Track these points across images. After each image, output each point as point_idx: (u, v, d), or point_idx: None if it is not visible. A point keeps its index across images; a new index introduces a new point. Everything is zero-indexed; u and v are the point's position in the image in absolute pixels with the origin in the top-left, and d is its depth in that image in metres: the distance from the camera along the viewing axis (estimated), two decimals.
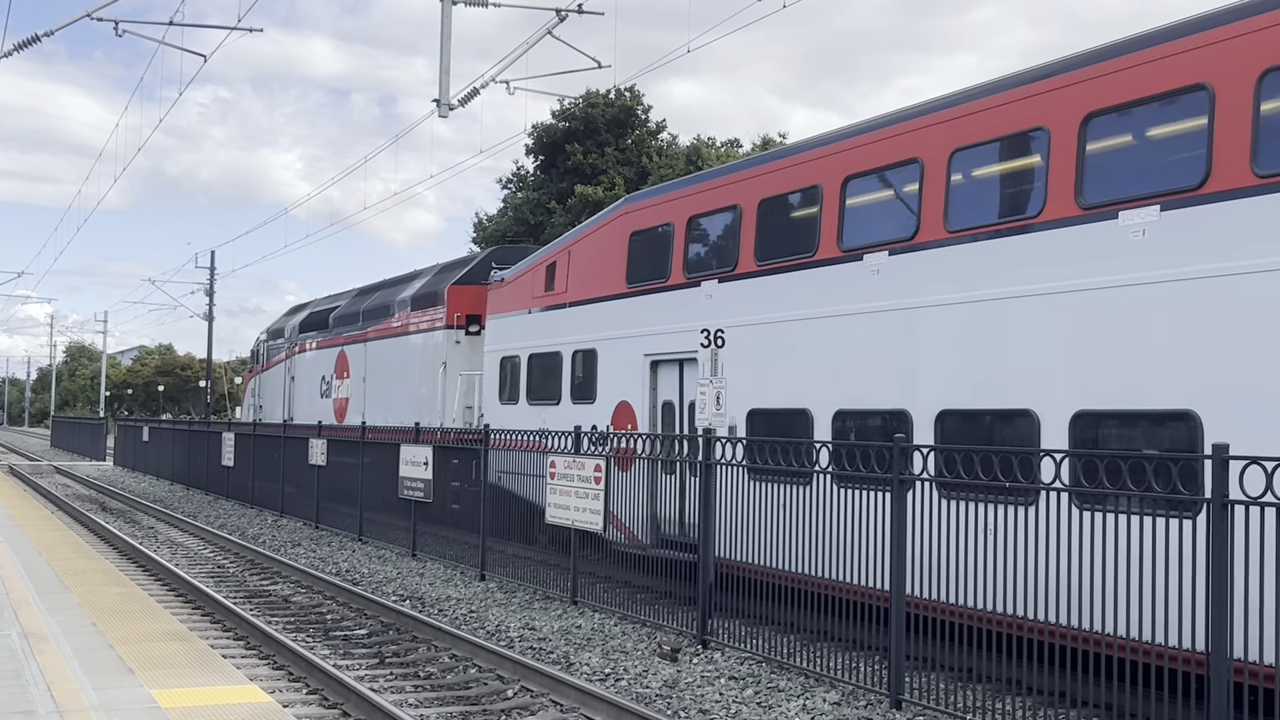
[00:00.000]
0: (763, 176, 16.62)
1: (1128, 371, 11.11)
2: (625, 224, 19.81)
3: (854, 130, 15.30)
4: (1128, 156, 11.55)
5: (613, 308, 19.72)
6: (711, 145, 56.54)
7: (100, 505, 34.45)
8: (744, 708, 11.20)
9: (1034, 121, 12.31)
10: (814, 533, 12.37)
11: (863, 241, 14.45)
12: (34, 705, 8.88)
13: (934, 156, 13.45)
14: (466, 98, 23.00)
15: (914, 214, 13.71)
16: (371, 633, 15.11)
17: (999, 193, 13.18)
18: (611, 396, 19.58)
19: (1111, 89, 11.57)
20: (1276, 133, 10.10)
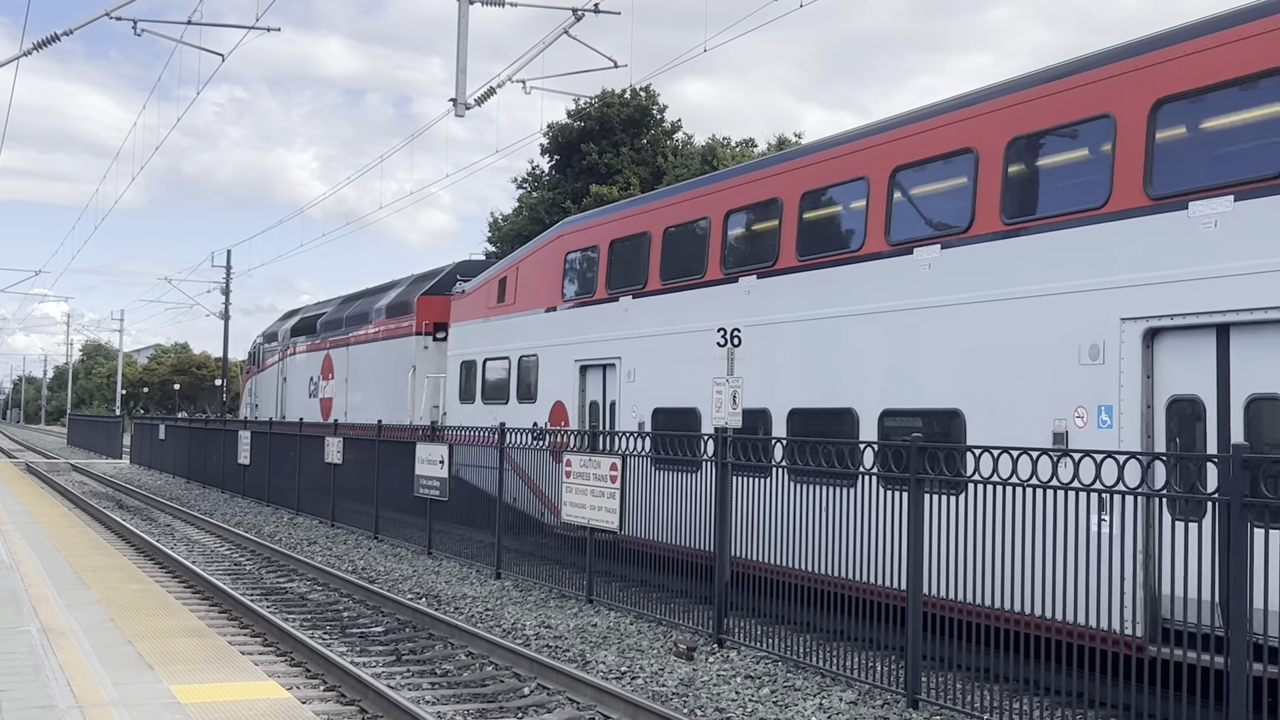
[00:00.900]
0: (667, 208, 19.32)
1: (916, 377, 13.75)
2: (562, 245, 22.43)
3: (734, 172, 18.86)
4: (920, 203, 14.36)
5: (551, 318, 22.24)
6: (727, 145, 56.52)
7: (117, 503, 34.58)
8: (760, 706, 11.20)
9: (856, 173, 15.16)
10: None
11: (739, 266, 17.22)
12: (54, 700, 8.94)
13: (789, 197, 16.23)
14: (483, 97, 23.03)
15: (775, 245, 16.41)
16: (388, 630, 15.15)
17: (834, 229, 15.82)
18: (550, 397, 22.00)
19: (912, 150, 14.37)
20: (1012, 191, 12.82)
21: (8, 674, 9.72)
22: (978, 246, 13.12)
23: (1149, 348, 11.29)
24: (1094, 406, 11.68)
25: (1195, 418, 10.91)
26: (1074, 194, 12.27)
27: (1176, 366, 11.11)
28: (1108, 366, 11.54)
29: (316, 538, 25.39)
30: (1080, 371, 11.81)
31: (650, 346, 18.90)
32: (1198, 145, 11.35)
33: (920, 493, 11.13)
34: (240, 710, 8.88)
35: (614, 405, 19.92)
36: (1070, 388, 11.91)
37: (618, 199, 51.54)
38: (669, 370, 18.43)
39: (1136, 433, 11.23)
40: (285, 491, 31.50)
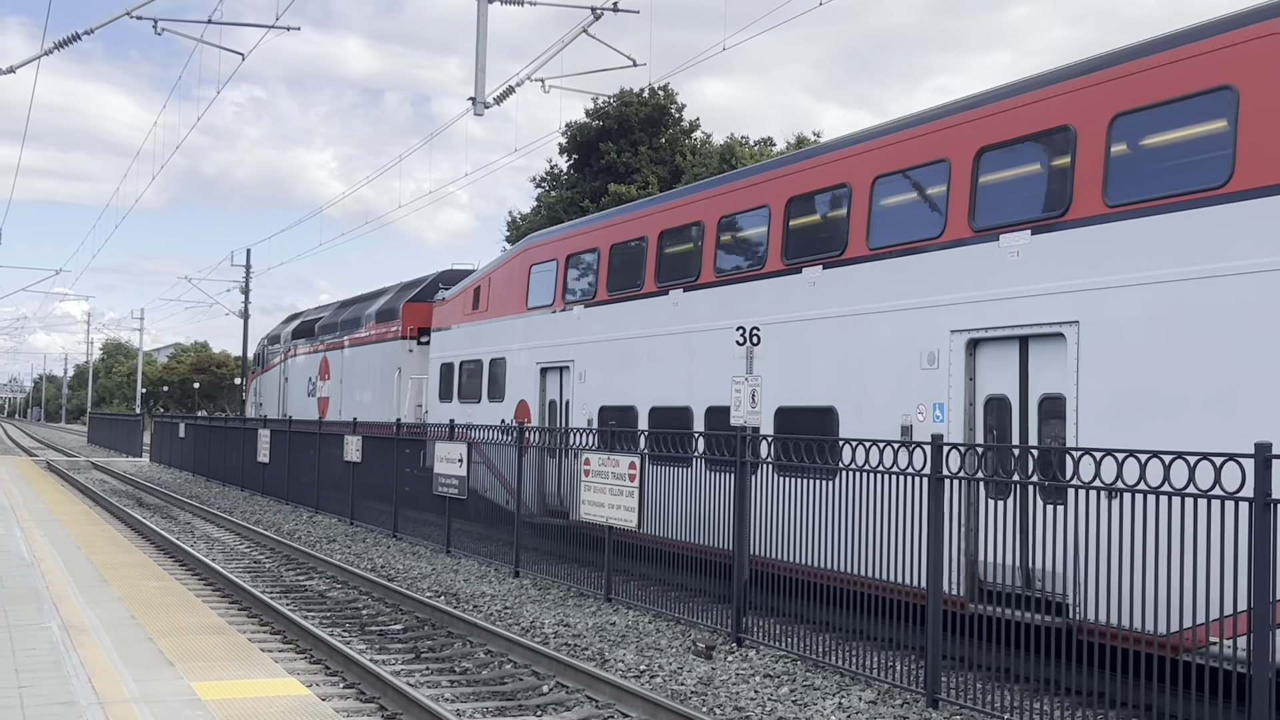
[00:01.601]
0: (614, 226, 21.41)
1: (803, 378, 15.94)
2: (526, 258, 24.55)
3: (666, 196, 21.23)
4: (808, 229, 16.41)
5: (516, 324, 24.35)
6: (745, 144, 56.46)
7: (137, 500, 34.73)
8: (779, 705, 11.18)
9: (760, 201, 17.15)
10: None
11: (669, 281, 19.23)
12: (75, 696, 8.98)
13: (709, 220, 18.38)
14: (502, 96, 23.05)
15: (698, 262, 18.51)
16: (407, 628, 15.17)
17: (743, 250, 17.85)
18: (516, 396, 24.05)
19: (803, 184, 16.55)
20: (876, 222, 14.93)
21: (30, 670, 9.77)
22: (849, 268, 15.34)
23: (971, 356, 13.42)
24: (930, 404, 13.85)
25: (1005, 413, 13.02)
26: (920, 226, 14.39)
27: (991, 371, 13.25)
28: (941, 371, 13.69)
29: (335, 535, 25.45)
30: (921, 375, 13.95)
31: (598, 351, 21.04)
32: (1008, 186, 13.48)
33: (940, 490, 11.27)
34: (261, 707, 8.90)
35: (568, 404, 22.09)
36: (914, 388, 14.03)
37: (636, 198, 51.58)
38: (613, 372, 20.57)
39: (961, 426, 13.26)
40: (304, 489, 31.59)
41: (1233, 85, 10.95)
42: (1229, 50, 11.08)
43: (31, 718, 8.31)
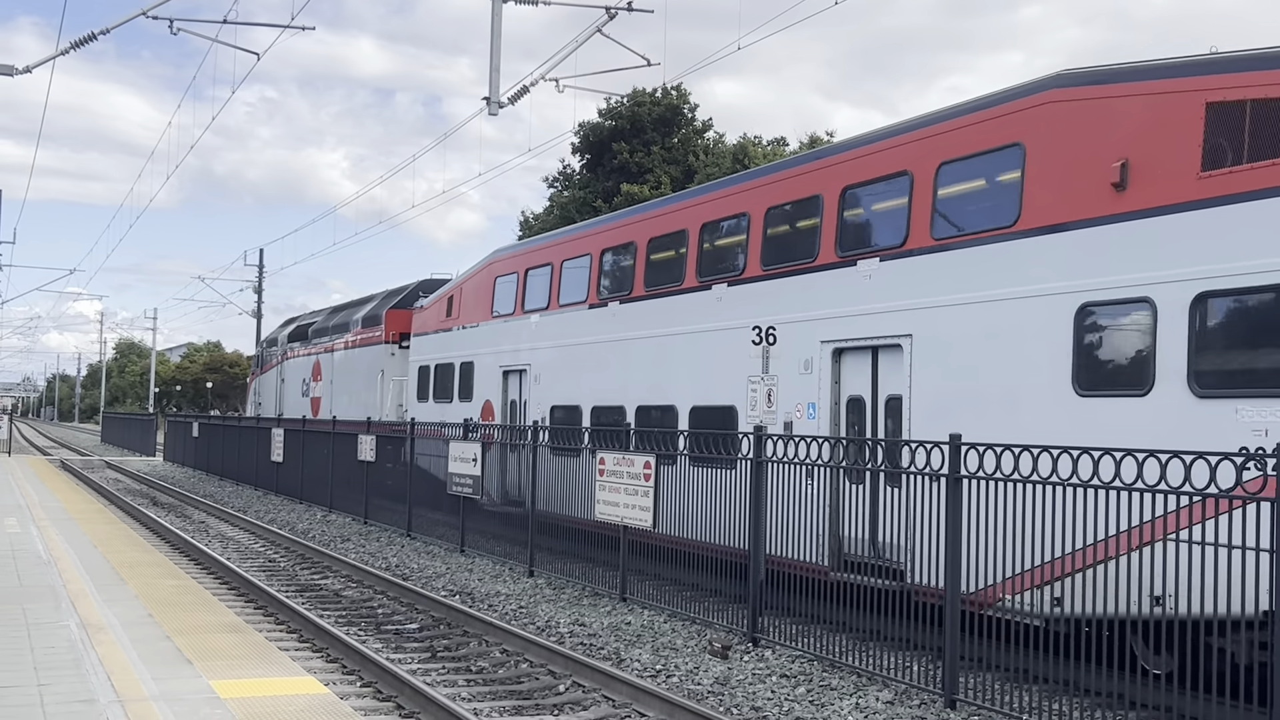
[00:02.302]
0: (565, 244, 23.81)
1: (713, 381, 18.02)
2: (491, 271, 26.69)
3: (608, 219, 23.83)
4: (717, 253, 18.78)
5: (483, 331, 26.48)
6: (758, 144, 56.41)
7: (151, 499, 34.82)
8: (796, 705, 11.17)
9: (681, 226, 19.53)
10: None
11: (609, 294, 21.47)
12: (95, 694, 9.00)
13: (640, 241, 20.67)
14: (516, 96, 23.05)
15: (631, 278, 20.73)
16: (423, 627, 15.19)
17: (668, 269, 19.90)
18: (482, 396, 26.20)
19: (714, 212, 18.83)
20: (769, 246, 17.29)
21: (49, 668, 9.79)
22: (747, 286, 17.58)
23: (837, 363, 15.65)
24: (806, 404, 16.13)
25: (861, 411, 15.33)
26: (801, 251, 16.68)
27: (851, 376, 15.55)
28: (814, 376, 15.95)
29: (350, 535, 25.49)
30: (799, 379, 16.13)
31: (550, 356, 23.28)
32: (864, 220, 15.94)
33: (958, 491, 11.31)
34: (280, 705, 8.91)
35: (526, 403, 24.16)
36: (794, 390, 16.19)
37: (649, 198, 51.55)
38: (562, 375, 22.73)
39: (828, 422, 15.67)
40: (318, 488, 31.64)
41: (1021, 143, 13.21)
42: (1019, 114, 13.32)
43: (52, 715, 8.34)
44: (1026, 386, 12.76)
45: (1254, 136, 10.98)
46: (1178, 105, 11.68)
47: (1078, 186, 12.51)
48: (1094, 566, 10.11)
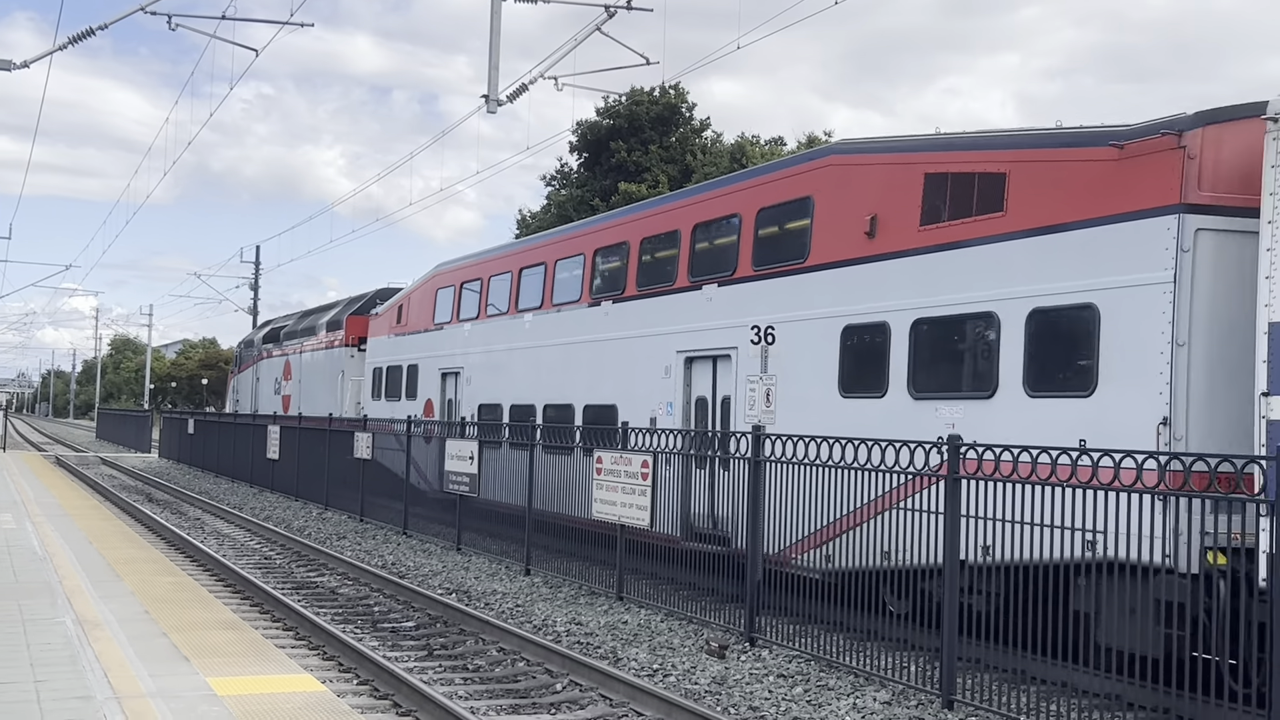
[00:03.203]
0: (493, 261, 26.63)
1: (601, 382, 21.00)
2: (434, 283, 29.44)
3: (523, 241, 27.21)
4: (605, 273, 21.69)
5: (426, 338, 29.30)
6: (756, 143, 56.39)
7: (147, 496, 34.77)
8: (794, 705, 11.16)
9: (578, 250, 22.58)
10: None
11: (525, 306, 24.31)
12: (92, 690, 8.97)
13: (549, 261, 23.59)
14: (514, 94, 23.02)
15: (542, 293, 23.60)
16: (419, 625, 15.17)
17: (569, 286, 22.70)
18: (424, 395, 29.04)
19: (606, 239, 21.91)
20: (642, 271, 20.33)
21: (45, 665, 9.76)
22: (626, 304, 20.58)
23: (688, 369, 18.79)
24: (665, 403, 19.15)
25: (704, 408, 18.41)
26: (665, 276, 19.68)
27: (697, 379, 18.65)
28: (671, 379, 19.01)
29: (346, 532, 25.45)
30: (661, 382, 19.17)
31: (479, 360, 26.17)
32: (707, 253, 18.82)
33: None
34: (277, 703, 8.89)
35: (459, 402, 27.00)
36: (658, 391, 19.25)
37: (646, 196, 51.53)
38: (488, 377, 25.60)
39: (679, 418, 18.67)
40: (314, 486, 31.61)
41: (811, 196, 16.42)
42: (810, 173, 16.64)
43: (49, 712, 8.31)
44: (811, 389, 15.82)
45: (954, 201, 14.09)
46: (906, 174, 14.81)
47: (845, 233, 15.60)
48: (850, 531, 12.74)
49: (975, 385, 13.51)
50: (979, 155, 14.04)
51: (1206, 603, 9.87)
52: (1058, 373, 12.62)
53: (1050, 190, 12.90)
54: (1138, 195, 11.93)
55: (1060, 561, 10.36)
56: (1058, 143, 13.18)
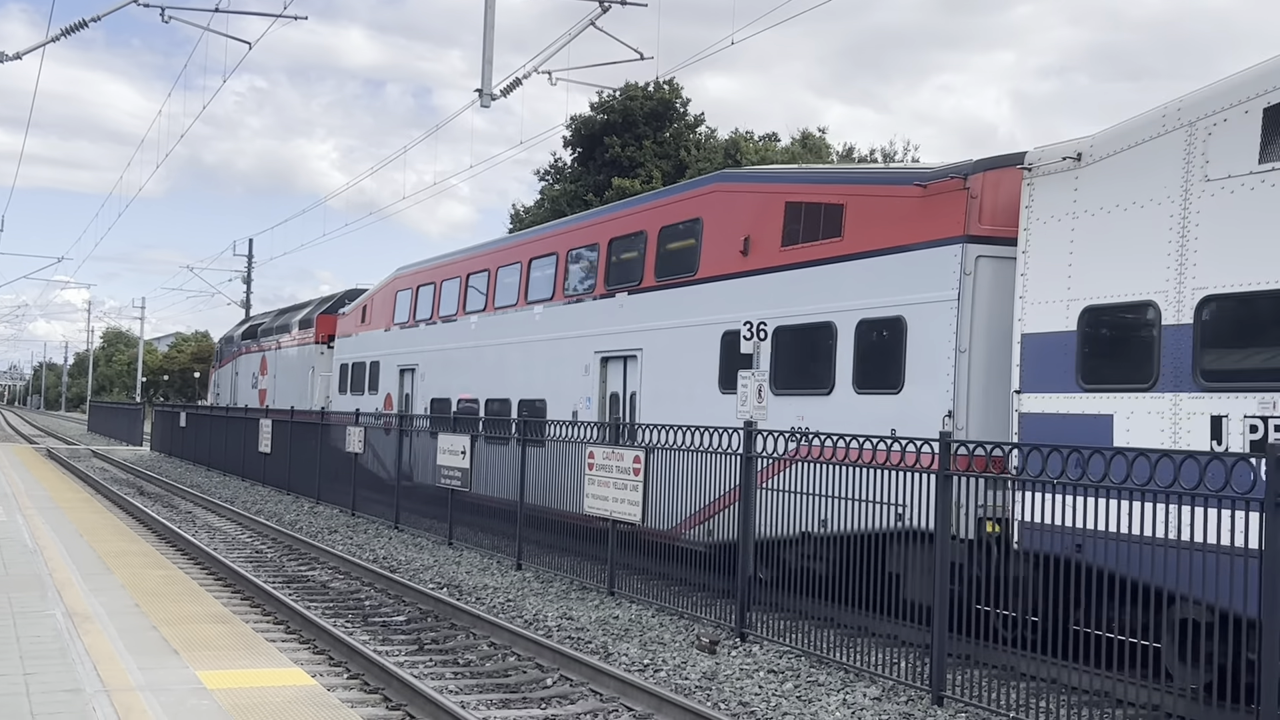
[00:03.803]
0: (444, 267, 28.81)
1: (532, 379, 23.33)
2: (394, 285, 31.83)
3: (474, 249, 28.33)
4: (536, 281, 23.84)
5: (387, 336, 31.58)
6: (750, 139, 56.37)
7: (138, 489, 34.71)
8: (784, 701, 11.16)
9: (517, 259, 24.92)
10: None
11: (472, 309, 26.71)
12: (81, 684, 8.96)
13: (493, 268, 26.03)
14: (508, 88, 22.98)
15: (485, 297, 26.01)
16: (410, 619, 15.16)
17: (509, 291, 24.99)
18: (385, 390, 31.23)
19: (539, 249, 24.25)
20: (569, 279, 22.69)
21: (35, 657, 9.75)
22: (554, 308, 22.96)
23: (604, 367, 20.97)
24: (585, 398, 21.19)
25: (618, 403, 20.54)
26: (585, 285, 22.07)
27: (612, 377, 20.83)
28: (591, 377, 21.18)
29: (337, 526, 25.44)
30: (583, 379, 21.39)
31: (431, 357, 28.49)
32: (620, 265, 20.93)
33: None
34: (266, 696, 8.88)
35: (414, 396, 29.24)
36: (580, 388, 21.45)
37: (640, 192, 51.54)
38: (439, 373, 27.93)
39: (596, 412, 20.83)
40: (306, 480, 31.58)
41: (700, 218, 18.81)
42: (700, 197, 19.10)
43: (38, 705, 8.29)
44: (698, 386, 18.16)
45: (806, 226, 16.46)
46: (772, 202, 17.32)
47: (726, 251, 18.01)
48: (724, 510, 14.62)
49: (818, 384, 15.88)
50: (825, 188, 16.53)
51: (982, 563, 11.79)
52: (876, 373, 14.93)
53: (875, 220, 15.27)
54: (934, 227, 14.27)
55: (878, 531, 12.27)
56: (882, 180, 15.72)
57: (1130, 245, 11.95)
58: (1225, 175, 11.12)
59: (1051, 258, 12.67)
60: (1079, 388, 12.17)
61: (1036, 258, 12.84)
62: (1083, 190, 12.52)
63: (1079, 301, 12.32)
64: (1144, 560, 9.69)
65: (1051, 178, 12.89)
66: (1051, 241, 12.72)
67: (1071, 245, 12.50)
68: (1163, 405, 11.33)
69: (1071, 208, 12.60)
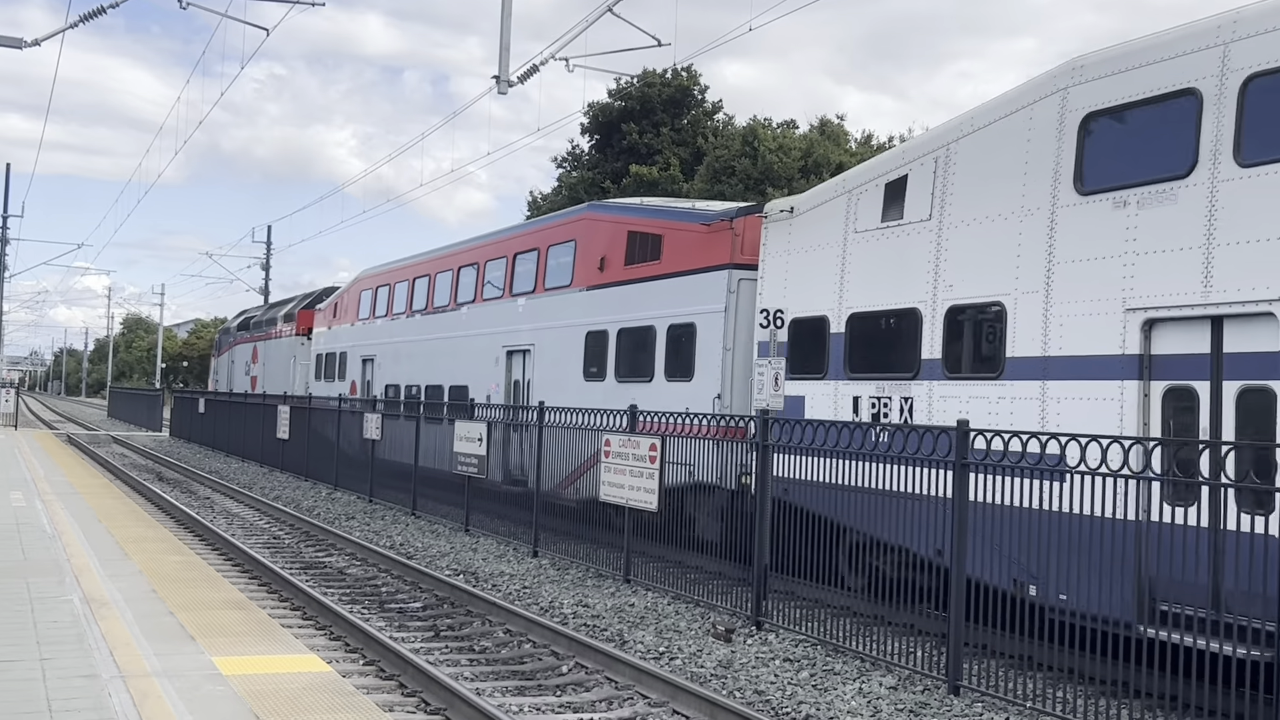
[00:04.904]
0: (397, 271, 33.42)
1: (459, 368, 27.49)
2: (359, 285, 36.43)
3: (420, 256, 32.38)
4: (463, 286, 28.14)
5: (352, 330, 36.27)
6: (768, 126, 56.14)
7: (157, 475, 34.85)
8: (799, 689, 11.14)
9: (449, 267, 29.40)
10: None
11: (416, 308, 31.07)
12: (97, 669, 8.99)
13: (433, 274, 30.22)
14: (526, 75, 22.95)
15: (427, 298, 30.35)
16: (426, 606, 15.18)
17: (444, 293, 29.33)
18: (350, 378, 35.78)
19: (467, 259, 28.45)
20: (486, 283, 27.06)
21: (51, 643, 9.78)
22: (475, 309, 27.39)
23: (509, 359, 25.27)
24: (496, 384, 25.58)
25: (520, 389, 24.74)
26: (497, 290, 26.33)
27: (515, 367, 25.13)
28: (499, 367, 25.55)
29: (354, 513, 25.49)
30: (494, 368, 25.69)
31: (386, 349, 33.01)
32: (521, 275, 25.33)
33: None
34: (282, 683, 8.89)
35: (372, 383, 33.72)
36: (491, 375, 25.80)
37: (658, 179, 51.40)
38: (392, 363, 32.40)
39: (503, 396, 25.09)
40: (323, 466, 31.67)
41: (575, 239, 23.14)
42: (575, 223, 23.64)
43: (54, 690, 8.32)
44: (568, 375, 22.54)
45: (640, 251, 20.87)
46: (619, 230, 21.76)
47: (590, 267, 22.32)
48: (585, 473, 18.26)
49: (643, 373, 20.29)
50: (652, 221, 20.97)
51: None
52: (678, 366, 19.39)
53: (681, 248, 19.79)
54: (714, 256, 18.83)
55: (681, 485, 16.16)
56: (686, 218, 20.44)
57: (816, 275, 16.21)
58: (864, 229, 15.44)
59: (776, 282, 17.05)
60: (789, 376, 16.26)
61: (768, 281, 17.23)
62: (794, 234, 16.88)
63: (789, 314, 16.44)
64: (819, 498, 13.42)
65: (777, 224, 17.20)
66: (776, 270, 17.09)
67: (787, 273, 16.88)
68: (829, 389, 15.76)
69: (788, 246, 16.92)
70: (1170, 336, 11.48)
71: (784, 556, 13.84)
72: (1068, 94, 12.73)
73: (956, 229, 14.04)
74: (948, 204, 14.20)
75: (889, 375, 14.72)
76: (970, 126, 14.14)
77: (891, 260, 14.84)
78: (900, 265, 14.67)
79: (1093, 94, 12.41)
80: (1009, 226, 13.28)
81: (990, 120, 13.85)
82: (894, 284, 14.76)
